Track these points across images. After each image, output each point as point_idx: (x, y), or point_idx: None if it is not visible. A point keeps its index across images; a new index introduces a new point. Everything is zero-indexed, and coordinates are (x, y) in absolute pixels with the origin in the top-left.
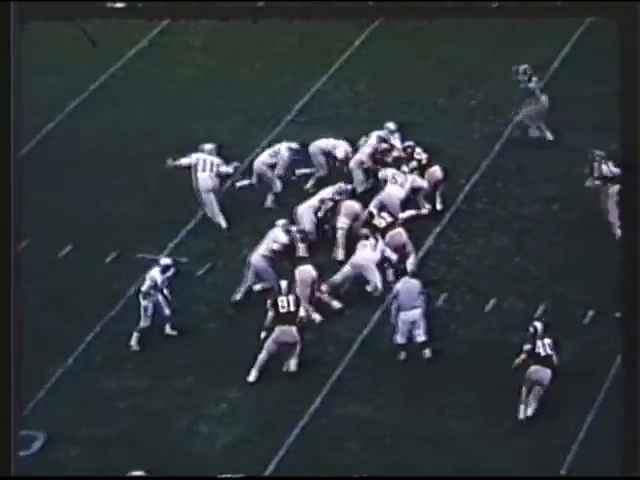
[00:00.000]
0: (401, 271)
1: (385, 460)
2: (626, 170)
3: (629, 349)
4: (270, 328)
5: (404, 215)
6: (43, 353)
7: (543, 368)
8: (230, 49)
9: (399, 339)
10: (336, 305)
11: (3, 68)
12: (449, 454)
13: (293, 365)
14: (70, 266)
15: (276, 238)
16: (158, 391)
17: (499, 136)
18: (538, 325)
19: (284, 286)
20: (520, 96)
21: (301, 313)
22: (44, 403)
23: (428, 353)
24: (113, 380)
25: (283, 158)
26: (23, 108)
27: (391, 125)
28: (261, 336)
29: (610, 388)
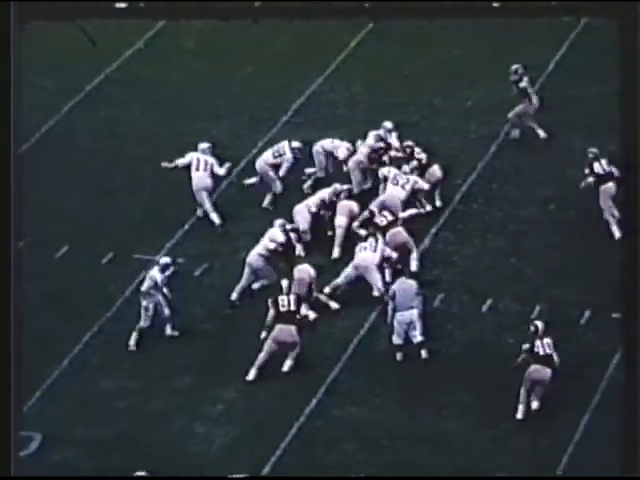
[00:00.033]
0: (398, 271)
1: (381, 461)
2: (625, 170)
3: (629, 349)
4: (270, 327)
5: (405, 214)
6: (40, 353)
7: (543, 367)
8: (226, 50)
9: (396, 340)
10: (334, 306)
11: (3, 68)
12: (446, 455)
13: (287, 366)
14: (67, 267)
15: (274, 237)
16: (155, 392)
17: (495, 137)
18: (539, 324)
19: (285, 285)
20: (514, 96)
21: (303, 312)
22: (41, 404)
23: (425, 354)
24: (110, 380)
25: (288, 159)
26: (23, 108)
27: (388, 124)
28: (261, 336)
29: (607, 389)
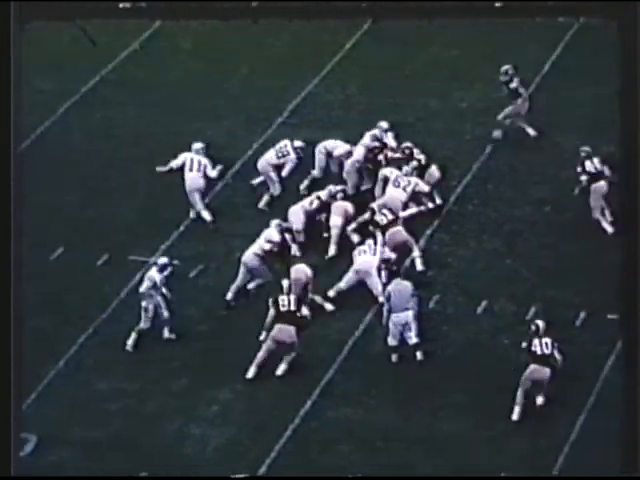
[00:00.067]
0: (394, 273)
1: (377, 462)
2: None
3: (629, 349)
4: (270, 327)
5: (405, 213)
6: (35, 355)
7: (542, 367)
8: (221, 52)
9: (391, 341)
10: (329, 307)
11: (3, 68)
12: (441, 456)
13: (281, 370)
14: (62, 268)
15: (270, 237)
16: (150, 393)
17: (490, 138)
18: (540, 324)
19: (285, 285)
20: (508, 97)
21: (304, 313)
22: (37, 405)
23: (420, 355)
24: (105, 382)
25: (292, 160)
26: (23, 108)
27: (384, 124)
28: (261, 337)
29: (602, 389)
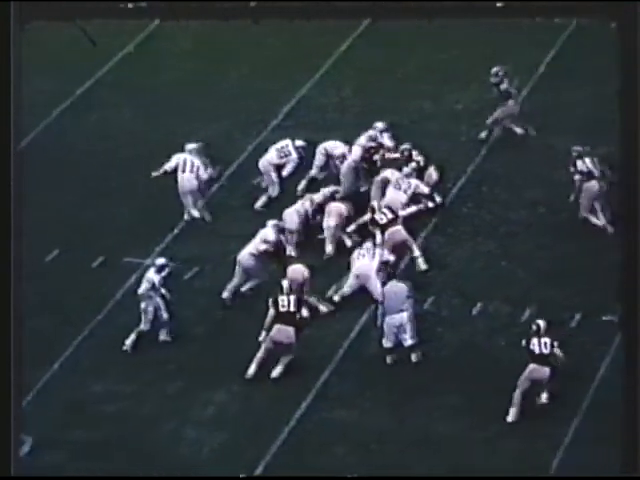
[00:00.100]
0: (390, 274)
1: (372, 464)
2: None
3: (629, 349)
4: (269, 327)
5: (405, 212)
6: (31, 356)
7: (540, 367)
8: (216, 54)
9: (386, 343)
10: (324, 309)
11: (3, 68)
12: (436, 457)
13: (276, 372)
14: (57, 271)
15: (266, 237)
16: (145, 395)
17: (485, 140)
18: (541, 323)
19: (285, 286)
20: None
21: (303, 314)
22: (32, 407)
23: (415, 357)
24: (101, 384)
25: (294, 160)
26: (23, 108)
27: (380, 124)
28: (260, 338)
29: (598, 390)
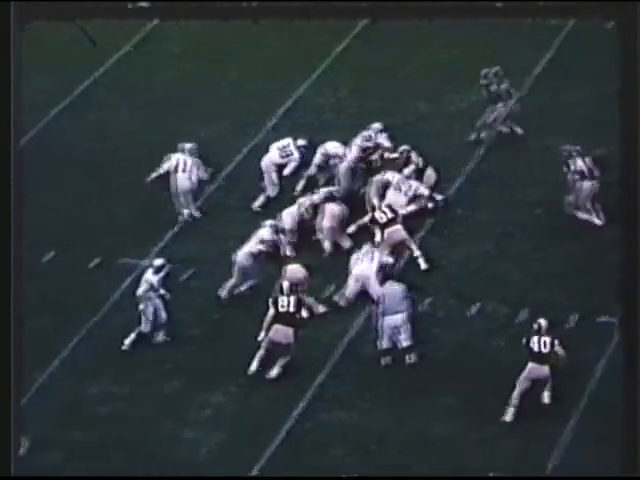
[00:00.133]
0: (387, 275)
1: (369, 465)
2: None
3: (629, 349)
4: (269, 327)
5: (405, 211)
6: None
7: (539, 365)
8: (213, 54)
9: (383, 344)
10: (321, 309)
11: (3, 68)
12: (434, 458)
13: (273, 373)
14: (53, 272)
15: (263, 237)
16: (142, 396)
17: (482, 141)
18: (542, 322)
19: (286, 286)
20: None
21: (303, 314)
22: (29, 407)
23: (412, 358)
24: (97, 385)
25: (296, 159)
26: (23, 108)
27: (377, 125)
28: (259, 337)
29: (594, 391)
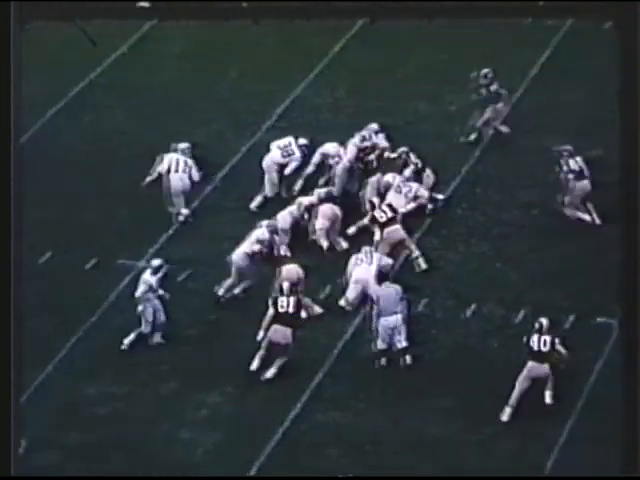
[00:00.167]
0: (384, 276)
1: (365, 465)
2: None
3: (629, 349)
4: (268, 327)
5: (404, 209)
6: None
7: (539, 364)
8: (210, 55)
9: (380, 345)
10: (317, 310)
11: (3, 68)
12: (430, 459)
13: (270, 374)
14: (50, 273)
15: (259, 237)
16: (139, 397)
17: (479, 142)
18: (544, 321)
19: (286, 287)
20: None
21: (302, 315)
22: (27, 408)
23: (409, 359)
24: (94, 386)
25: (297, 159)
26: (22, 108)
27: (374, 125)
28: (258, 337)
29: (592, 391)
